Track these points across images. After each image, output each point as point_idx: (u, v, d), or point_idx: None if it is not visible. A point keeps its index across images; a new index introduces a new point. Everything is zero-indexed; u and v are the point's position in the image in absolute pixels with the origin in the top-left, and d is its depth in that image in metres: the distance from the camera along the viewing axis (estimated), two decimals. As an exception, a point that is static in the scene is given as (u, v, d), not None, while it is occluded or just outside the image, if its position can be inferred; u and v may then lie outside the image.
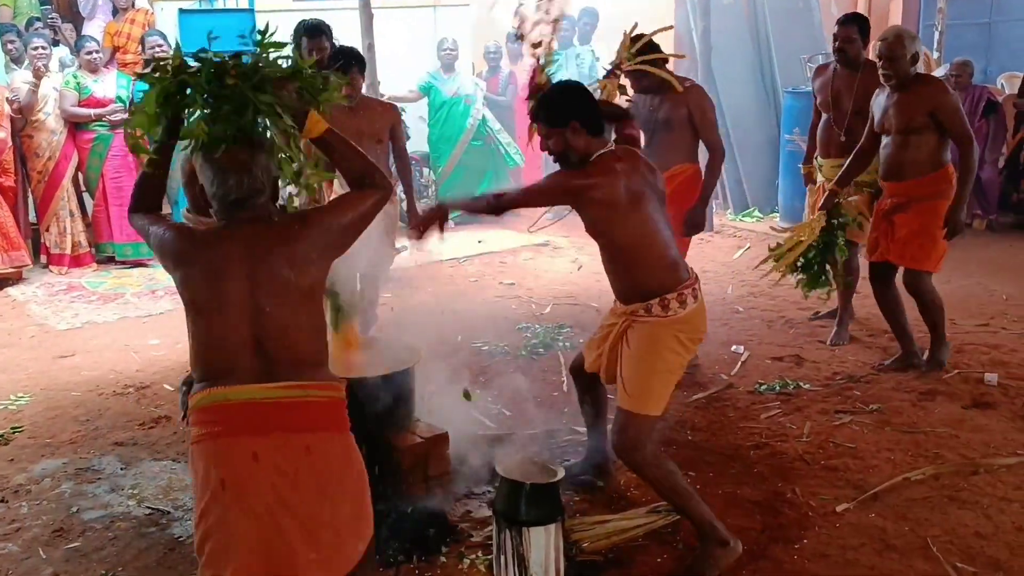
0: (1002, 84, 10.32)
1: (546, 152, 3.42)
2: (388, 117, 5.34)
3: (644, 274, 3.34)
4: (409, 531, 3.53)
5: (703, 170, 5.12)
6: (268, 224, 2.45)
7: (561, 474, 3.29)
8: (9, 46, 7.82)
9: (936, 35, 11.19)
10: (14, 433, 4.72)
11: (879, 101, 4.97)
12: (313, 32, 5.83)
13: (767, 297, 6.70)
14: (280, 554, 2.32)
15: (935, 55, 11.07)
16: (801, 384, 4.98)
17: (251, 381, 2.35)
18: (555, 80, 3.96)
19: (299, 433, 2.36)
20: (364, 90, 5.56)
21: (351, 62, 5.10)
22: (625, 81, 4.67)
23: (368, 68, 6.98)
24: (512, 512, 3.21)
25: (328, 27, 6.26)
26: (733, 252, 8.15)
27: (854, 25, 5.39)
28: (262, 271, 2.36)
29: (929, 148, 4.82)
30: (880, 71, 4.86)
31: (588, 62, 9.23)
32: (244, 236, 2.40)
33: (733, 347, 5.58)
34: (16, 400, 5.16)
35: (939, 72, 10.33)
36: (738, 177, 9.42)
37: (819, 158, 5.64)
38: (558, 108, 3.36)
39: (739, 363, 5.31)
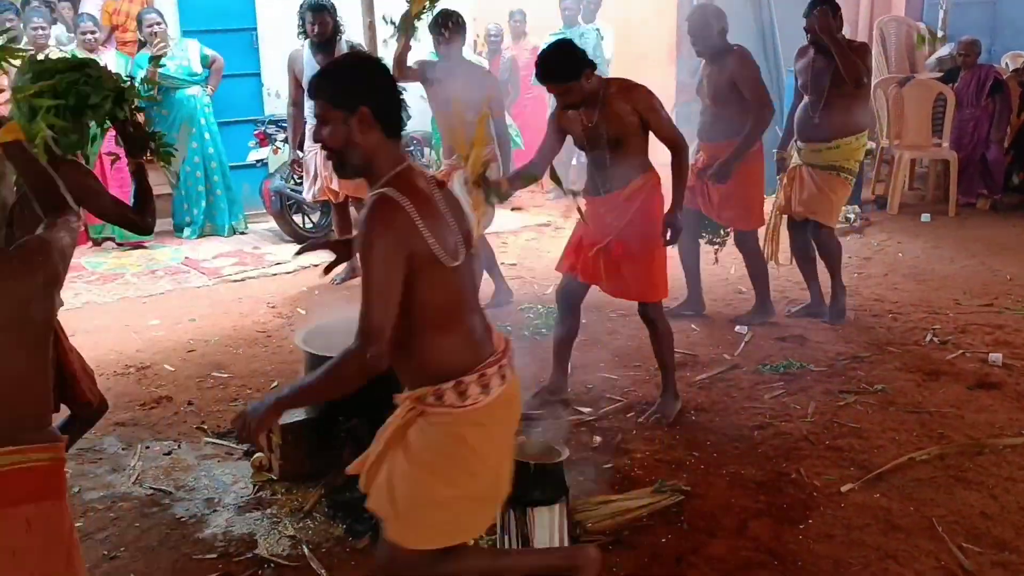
0: (1006, 63, 10.26)
1: (319, 143, 2.44)
2: (489, 83, 5.53)
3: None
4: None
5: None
6: None
7: (565, 454, 3.28)
8: (8, 24, 7.75)
9: (941, 14, 11.17)
10: None
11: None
12: (316, 9, 5.94)
13: (769, 278, 6.65)
14: None
15: (940, 34, 11.04)
16: (805, 364, 4.96)
17: None
18: None
19: (17, 506, 2.04)
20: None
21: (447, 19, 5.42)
22: None
23: (369, 48, 6.96)
24: (516, 492, 3.18)
25: (332, 5, 6.28)
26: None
27: (825, 6, 5.28)
28: None
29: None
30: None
31: (592, 41, 9.15)
32: None
33: (736, 327, 5.56)
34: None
35: (944, 51, 10.30)
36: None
37: (798, 142, 5.60)
38: (349, 80, 2.40)
39: (742, 343, 5.28)
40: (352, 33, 6.80)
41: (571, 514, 3.31)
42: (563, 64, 3.96)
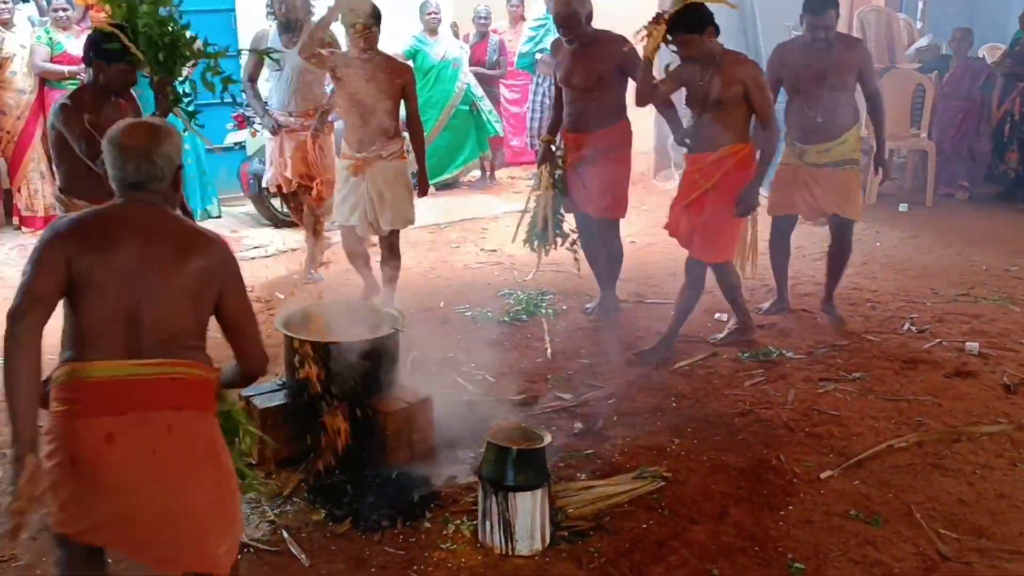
0: (983, 54, 10.32)
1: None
2: (402, 76, 5.28)
3: None
4: (393, 496, 3.52)
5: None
6: (166, 213, 2.45)
7: (547, 440, 3.28)
8: None
9: (920, 5, 11.21)
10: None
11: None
12: None
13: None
14: (132, 534, 2.32)
15: (919, 25, 11.09)
16: (784, 352, 4.99)
17: (118, 357, 2.29)
18: (546, 47, 4.30)
19: (160, 411, 2.31)
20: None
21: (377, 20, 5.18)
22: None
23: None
24: (498, 477, 3.19)
25: None
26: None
27: (832, 10, 5.03)
28: (151, 255, 2.34)
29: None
30: (562, 37, 5.16)
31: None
32: (138, 218, 2.40)
33: (716, 315, 5.57)
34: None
35: (923, 41, 10.34)
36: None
37: (797, 144, 5.26)
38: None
39: (724, 331, 5.29)
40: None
41: (553, 500, 3.32)
42: (692, 17, 4.43)
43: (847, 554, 3.21)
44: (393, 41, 8.81)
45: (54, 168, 3.75)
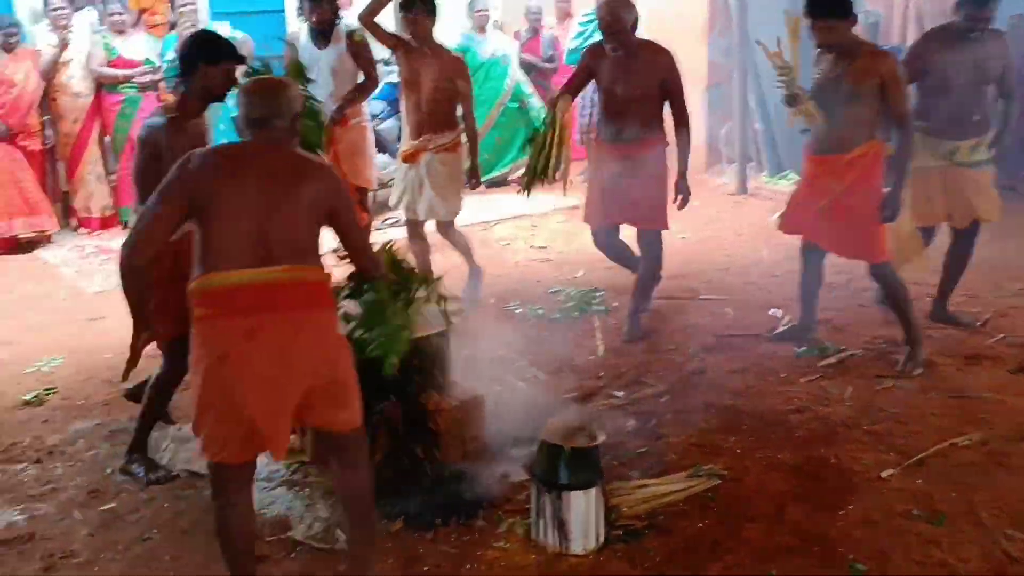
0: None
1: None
2: (453, 68, 5.44)
3: None
4: (445, 495, 3.51)
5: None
6: (283, 149, 2.81)
7: (601, 438, 3.25)
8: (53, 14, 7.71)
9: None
10: (47, 394, 4.73)
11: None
12: None
13: (804, 260, 6.58)
14: (277, 419, 2.67)
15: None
16: (841, 348, 4.89)
17: (249, 266, 2.64)
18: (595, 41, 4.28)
19: (292, 311, 2.67)
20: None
21: (413, 2, 5.30)
22: None
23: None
24: (552, 476, 3.17)
25: None
26: (768, 215, 8.00)
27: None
28: (275, 180, 2.71)
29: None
30: (606, 44, 4.89)
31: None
32: (261, 150, 2.78)
33: (771, 310, 5.49)
34: (49, 362, 5.17)
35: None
36: (773, 139, 9.26)
37: (947, 141, 4.85)
38: None
39: (778, 327, 5.21)
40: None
41: (606, 498, 3.28)
42: (838, 1, 4.28)
43: (910, 555, 3.13)
44: (442, 39, 8.87)
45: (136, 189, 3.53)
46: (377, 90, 6.57)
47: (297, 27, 6.64)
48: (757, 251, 6.91)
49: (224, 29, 7.99)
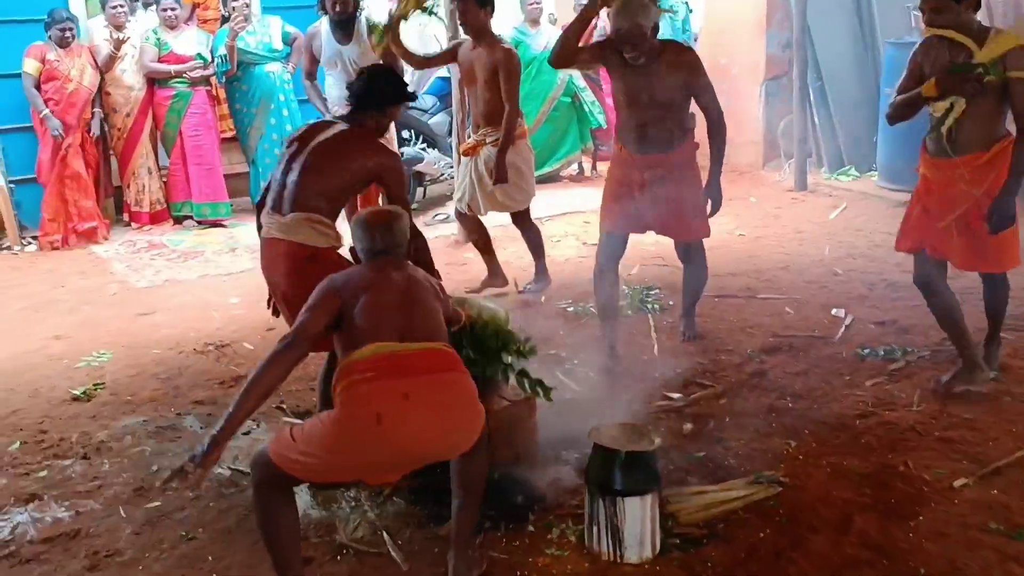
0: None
1: None
2: (495, 57, 5.41)
3: None
4: (495, 498, 3.40)
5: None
6: (408, 269, 3.10)
7: (658, 442, 3.12)
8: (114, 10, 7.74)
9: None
10: (96, 390, 4.72)
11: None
12: None
13: (867, 259, 6.39)
14: (436, 444, 2.85)
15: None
16: (908, 350, 4.70)
17: (396, 340, 2.85)
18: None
19: (442, 373, 2.87)
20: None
21: None
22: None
23: (450, 23, 6.84)
24: (606, 481, 3.05)
25: None
26: (828, 212, 7.82)
27: None
28: (404, 294, 2.97)
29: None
30: (626, 54, 4.35)
31: (682, 14, 8.88)
32: (391, 267, 3.04)
33: (833, 311, 5.32)
34: (98, 357, 5.17)
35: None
36: (834, 134, 9.03)
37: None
38: None
39: (841, 327, 5.03)
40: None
41: (663, 505, 3.16)
42: None
43: (987, 570, 2.96)
44: (497, 32, 8.78)
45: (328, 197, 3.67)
46: (428, 84, 6.54)
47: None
48: (818, 249, 6.71)
49: (276, 24, 7.99)
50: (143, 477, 3.79)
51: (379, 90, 3.75)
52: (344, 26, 6.09)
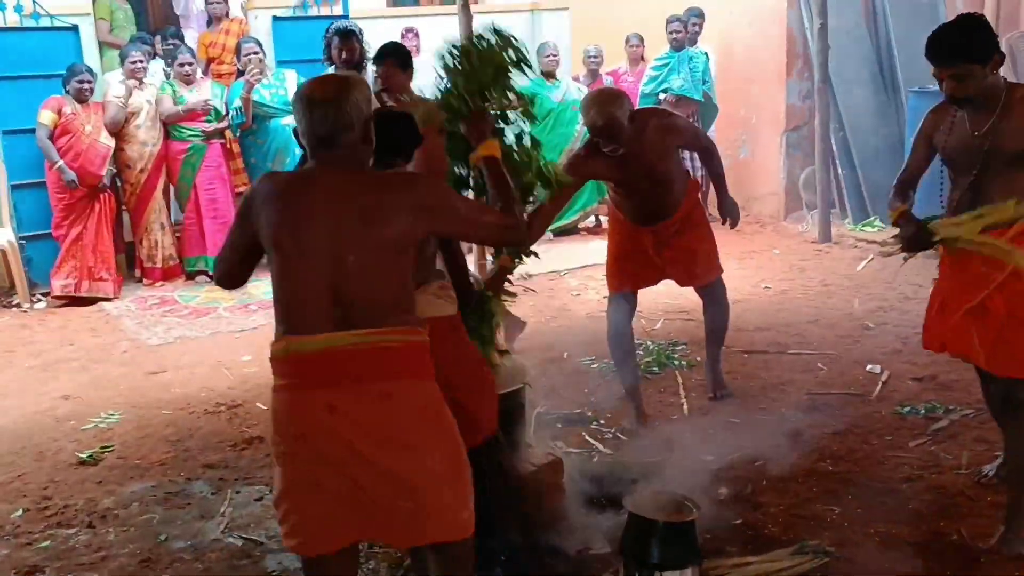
0: None
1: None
2: None
3: None
4: (522, 567, 3.22)
5: None
6: (358, 170, 2.42)
7: (698, 512, 2.94)
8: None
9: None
10: (104, 452, 4.57)
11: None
12: (345, 35, 5.99)
13: (898, 312, 6.21)
14: (365, 509, 2.31)
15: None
16: (951, 408, 4.50)
17: (328, 329, 2.30)
18: (669, 86, 3.86)
19: (377, 381, 2.30)
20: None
21: (382, 54, 4.83)
22: None
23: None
24: (642, 553, 2.86)
25: (360, 30, 6.25)
26: (854, 264, 7.64)
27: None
28: (345, 217, 2.32)
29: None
30: (605, 148, 4.14)
31: (702, 64, 8.80)
32: (330, 179, 2.37)
33: (868, 366, 5.13)
34: (107, 418, 5.02)
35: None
36: (857, 184, 8.89)
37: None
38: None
39: (878, 384, 4.84)
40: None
41: (704, 578, 2.97)
42: (976, 37, 3.07)
43: (1056, 651, 2.75)
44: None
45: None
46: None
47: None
48: (847, 302, 6.53)
49: (292, 77, 7.95)
50: (150, 548, 3.62)
51: (411, 134, 3.38)
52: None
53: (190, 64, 7.81)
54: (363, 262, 2.30)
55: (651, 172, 4.28)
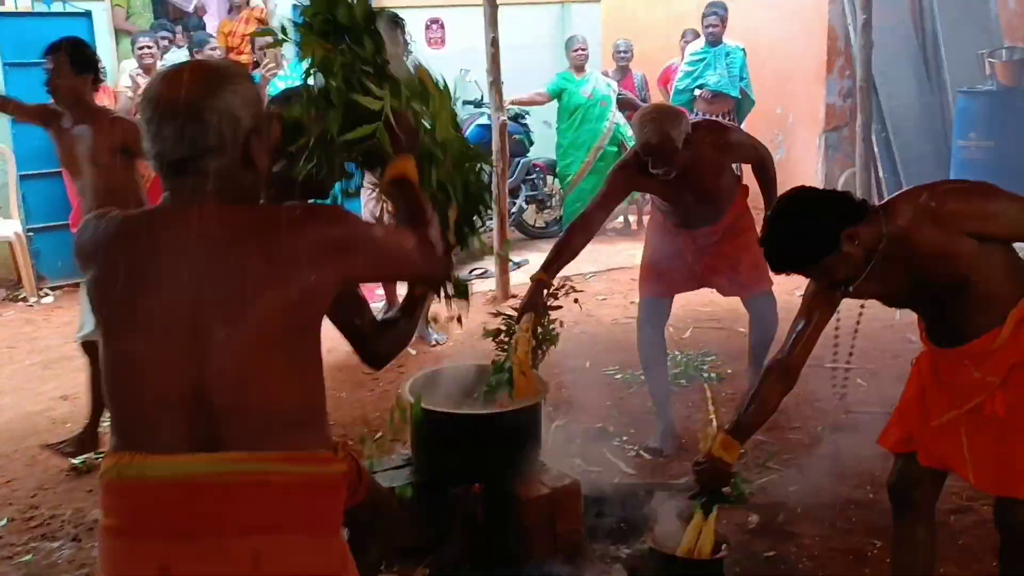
0: None
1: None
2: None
3: None
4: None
5: None
6: (232, 205, 1.68)
7: (725, 550, 2.71)
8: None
9: None
10: (97, 459, 4.38)
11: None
12: (389, 25, 5.37)
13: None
14: None
15: None
16: (1002, 433, 4.23)
17: (181, 449, 1.61)
18: (705, 82, 3.53)
19: (243, 536, 1.60)
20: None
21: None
22: None
23: (491, 66, 6.54)
24: (665, 593, 2.64)
25: (403, 21, 5.72)
26: (896, 272, 7.37)
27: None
28: (214, 272, 1.61)
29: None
30: (653, 169, 3.81)
31: (739, 61, 8.53)
32: (186, 220, 1.65)
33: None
34: (104, 421, 4.85)
35: None
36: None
37: None
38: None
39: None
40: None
41: (731, 621, 2.73)
42: (798, 248, 2.55)
43: None
44: (540, 78, 8.53)
45: None
46: (465, 132, 6.21)
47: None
48: (887, 312, 6.21)
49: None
50: (136, 565, 3.43)
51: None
52: None
53: (213, 49, 7.66)
54: (238, 345, 1.60)
55: (701, 190, 4.04)
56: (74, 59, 4.38)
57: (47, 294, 7.39)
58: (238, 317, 1.60)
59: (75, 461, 4.36)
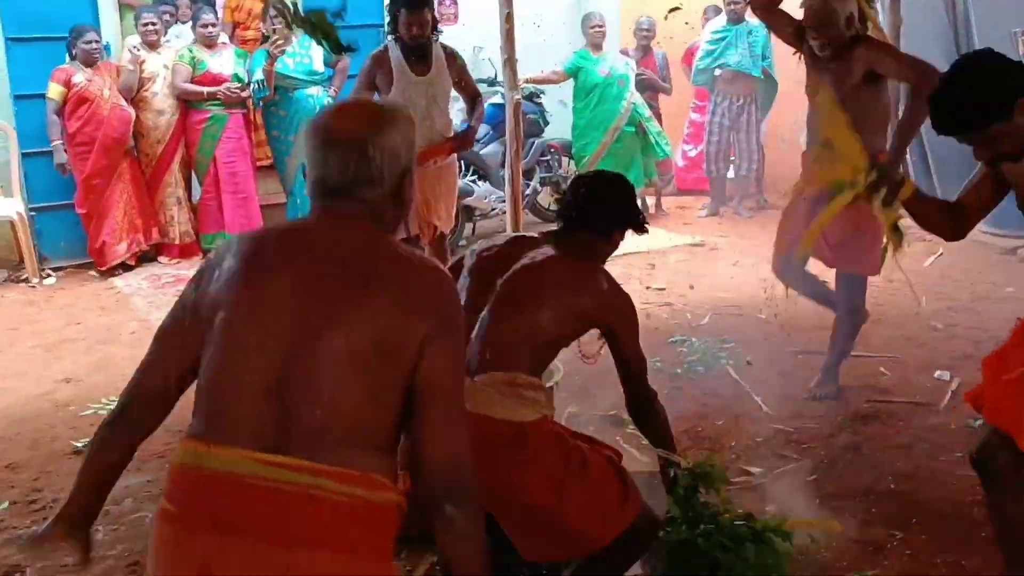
0: None
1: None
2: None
3: None
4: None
5: None
6: (374, 233, 1.84)
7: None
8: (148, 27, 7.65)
9: None
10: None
11: None
12: (414, 6, 5.29)
13: (969, 312, 5.93)
14: None
15: None
16: (1028, 422, 4.23)
17: (249, 443, 1.68)
18: (726, 62, 3.55)
19: (281, 545, 1.64)
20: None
21: None
22: None
23: (506, 43, 6.49)
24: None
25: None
26: (922, 259, 7.33)
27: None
28: (328, 288, 1.75)
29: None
30: (810, 38, 4.06)
31: (762, 39, 8.49)
32: (329, 234, 1.83)
33: (936, 373, 4.87)
34: (107, 404, 4.89)
35: None
36: (928, 174, 8.57)
37: None
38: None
39: (947, 393, 4.58)
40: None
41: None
42: (977, 100, 2.48)
43: None
44: (556, 56, 8.51)
45: None
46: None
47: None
48: (912, 300, 6.22)
49: (318, 48, 7.75)
50: (139, 550, 3.48)
51: (611, 208, 2.92)
52: (420, 53, 5.60)
53: (213, 25, 7.67)
54: (328, 350, 1.70)
55: (840, 94, 3.90)
56: None
57: (49, 275, 7.44)
58: (336, 330, 1.71)
59: (77, 444, 4.40)
